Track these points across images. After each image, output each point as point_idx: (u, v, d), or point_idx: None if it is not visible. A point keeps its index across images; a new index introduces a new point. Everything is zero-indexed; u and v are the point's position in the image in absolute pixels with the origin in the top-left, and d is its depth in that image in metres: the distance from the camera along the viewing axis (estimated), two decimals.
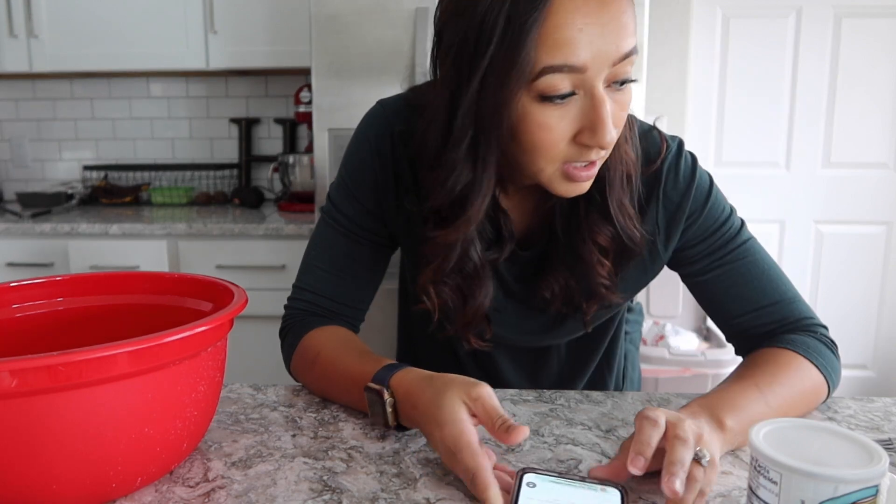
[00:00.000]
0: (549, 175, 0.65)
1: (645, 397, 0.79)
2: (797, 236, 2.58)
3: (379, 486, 0.59)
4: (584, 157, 0.63)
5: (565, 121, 0.61)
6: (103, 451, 0.53)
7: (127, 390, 0.52)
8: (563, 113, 0.61)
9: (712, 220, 0.77)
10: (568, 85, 0.59)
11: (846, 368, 2.66)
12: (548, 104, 0.60)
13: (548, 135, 0.61)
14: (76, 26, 2.31)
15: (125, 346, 0.50)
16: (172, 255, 2.15)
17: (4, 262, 2.17)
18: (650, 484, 0.59)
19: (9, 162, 2.78)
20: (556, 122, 0.61)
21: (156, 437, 0.55)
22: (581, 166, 0.64)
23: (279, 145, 2.65)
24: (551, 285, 0.76)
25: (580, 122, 0.61)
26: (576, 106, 0.61)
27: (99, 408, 0.51)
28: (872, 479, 0.44)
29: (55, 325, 0.72)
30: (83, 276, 0.74)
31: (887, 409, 0.76)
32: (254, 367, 2.21)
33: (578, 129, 0.62)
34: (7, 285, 0.70)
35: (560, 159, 0.64)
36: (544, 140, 0.62)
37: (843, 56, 2.47)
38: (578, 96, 0.61)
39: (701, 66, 2.52)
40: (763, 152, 2.56)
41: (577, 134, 0.62)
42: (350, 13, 1.81)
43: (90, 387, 0.50)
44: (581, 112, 0.61)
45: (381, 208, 0.81)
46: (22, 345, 0.70)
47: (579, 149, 0.63)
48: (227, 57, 2.29)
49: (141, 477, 0.57)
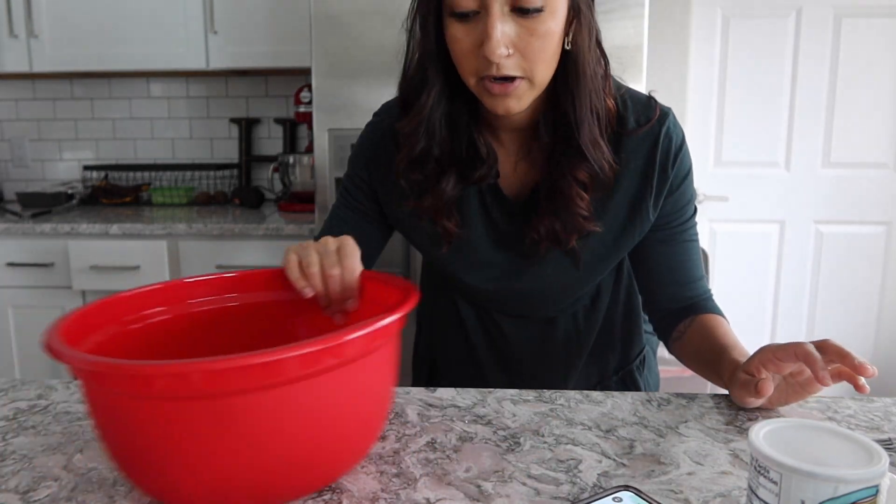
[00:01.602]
0: (475, 88, 0.76)
1: (645, 397, 0.79)
2: (797, 236, 2.58)
3: (379, 486, 0.59)
4: (488, 71, 0.73)
5: (470, 36, 0.73)
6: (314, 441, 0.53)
7: (326, 385, 0.52)
8: (469, 29, 0.73)
9: (685, 198, 0.87)
10: (471, 3, 0.71)
11: None
12: (459, 21, 0.73)
13: (458, 46, 0.74)
14: (76, 26, 2.31)
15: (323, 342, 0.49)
16: (172, 255, 2.15)
17: (4, 262, 2.18)
18: (653, 484, 0.59)
19: (9, 162, 2.78)
20: (463, 36, 0.73)
21: (354, 426, 0.57)
22: (496, 82, 0.74)
23: (279, 145, 2.65)
24: (538, 227, 0.83)
25: (479, 37, 0.72)
26: (480, 23, 0.72)
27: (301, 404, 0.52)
28: (872, 479, 0.44)
29: (228, 319, 0.74)
30: (254, 273, 0.77)
31: (887, 409, 0.76)
32: None
33: (478, 43, 0.72)
34: (182, 282, 0.73)
35: (475, 72, 0.75)
36: (457, 51, 0.75)
37: (843, 56, 2.47)
38: (481, 14, 0.72)
39: (701, 65, 2.52)
40: (763, 152, 2.56)
41: (478, 48, 0.72)
42: (350, 13, 1.81)
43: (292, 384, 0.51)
44: (481, 28, 0.72)
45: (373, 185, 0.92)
46: (200, 338, 0.72)
47: (484, 62, 0.73)
48: (227, 57, 2.29)
49: (342, 465, 0.58)
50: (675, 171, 0.84)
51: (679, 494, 0.57)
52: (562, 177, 0.80)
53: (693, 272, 0.91)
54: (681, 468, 0.62)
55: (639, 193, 0.84)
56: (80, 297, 2.19)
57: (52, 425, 0.71)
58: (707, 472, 0.61)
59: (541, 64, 0.74)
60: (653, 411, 0.75)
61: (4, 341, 2.24)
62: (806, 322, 2.66)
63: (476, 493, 0.58)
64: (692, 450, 0.66)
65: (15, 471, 0.62)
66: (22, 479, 0.60)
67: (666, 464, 0.63)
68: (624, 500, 0.54)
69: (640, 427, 0.71)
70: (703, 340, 0.85)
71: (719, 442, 0.67)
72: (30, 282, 2.19)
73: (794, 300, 2.65)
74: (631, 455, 0.65)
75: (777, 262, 2.62)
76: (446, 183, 0.83)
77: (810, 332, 2.66)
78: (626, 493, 0.55)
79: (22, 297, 2.21)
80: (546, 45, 0.73)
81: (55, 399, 0.78)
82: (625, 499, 0.54)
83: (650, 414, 0.74)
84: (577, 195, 0.80)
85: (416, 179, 0.84)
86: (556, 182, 0.81)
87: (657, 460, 0.63)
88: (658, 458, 0.64)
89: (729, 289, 2.63)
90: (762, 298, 2.65)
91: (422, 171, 0.83)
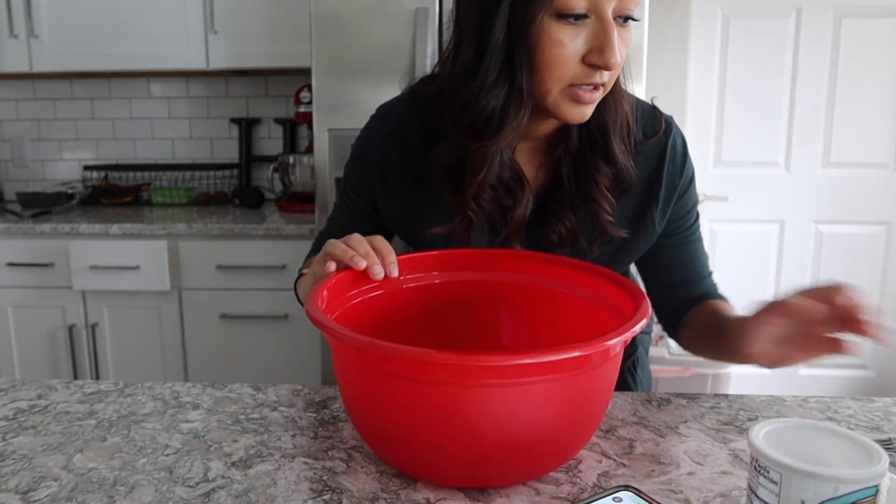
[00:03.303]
0: (555, 97, 0.72)
1: (645, 397, 0.79)
2: (797, 236, 2.58)
3: (379, 486, 0.59)
4: (590, 79, 0.70)
5: (577, 40, 0.69)
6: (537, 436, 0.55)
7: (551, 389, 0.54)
8: (576, 32, 0.69)
9: (691, 202, 0.88)
10: (583, 5, 0.67)
11: (846, 368, 2.66)
12: (563, 23, 0.68)
13: (561, 51, 0.69)
14: (76, 26, 2.31)
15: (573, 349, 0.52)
16: (172, 255, 2.15)
17: (4, 262, 2.18)
18: (653, 484, 0.59)
19: (9, 162, 2.78)
20: (570, 40, 0.69)
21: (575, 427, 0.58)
22: (587, 89, 0.71)
23: (279, 145, 2.65)
24: (558, 228, 0.82)
25: (590, 43, 0.69)
26: (587, 28, 0.69)
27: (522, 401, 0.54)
28: (872, 479, 0.44)
29: (432, 296, 0.78)
30: (461, 252, 0.80)
31: (887, 409, 0.76)
32: (254, 367, 2.21)
33: (588, 49, 0.69)
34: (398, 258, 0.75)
35: (568, 79, 0.71)
36: (557, 56, 0.69)
37: (843, 56, 2.47)
38: (591, 20, 0.68)
39: (701, 65, 2.52)
40: (763, 152, 2.55)
41: (586, 54, 0.69)
42: (350, 13, 1.81)
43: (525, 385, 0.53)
44: (592, 34, 0.69)
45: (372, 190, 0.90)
46: (412, 315, 0.77)
47: (586, 70, 0.70)
48: (227, 57, 2.29)
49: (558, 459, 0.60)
50: (682, 180, 0.85)
51: (679, 494, 0.57)
52: (590, 183, 0.80)
53: (702, 270, 0.92)
54: (681, 468, 0.62)
55: (642, 205, 0.85)
56: (80, 297, 2.19)
57: (52, 425, 0.71)
58: (707, 472, 0.61)
59: (619, 73, 0.75)
60: (653, 411, 0.75)
61: (4, 341, 2.24)
62: None
63: (476, 493, 0.58)
64: (692, 450, 0.66)
65: (15, 471, 0.62)
66: (22, 479, 0.60)
67: (666, 464, 0.63)
68: (624, 500, 0.54)
69: (640, 427, 0.71)
70: (712, 315, 0.85)
71: (719, 442, 0.67)
72: (30, 282, 2.19)
73: None
74: (631, 455, 0.65)
75: (777, 262, 2.62)
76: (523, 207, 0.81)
77: None
78: (626, 493, 0.55)
79: (22, 297, 2.21)
80: (626, 54, 0.73)
81: (55, 399, 0.78)
82: (625, 499, 0.54)
83: (650, 414, 0.74)
84: (605, 198, 0.80)
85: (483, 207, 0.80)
86: (583, 187, 0.81)
87: (657, 460, 0.63)
88: (658, 458, 0.64)
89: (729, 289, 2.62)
90: (762, 298, 2.65)
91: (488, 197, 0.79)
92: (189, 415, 0.74)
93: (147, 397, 0.79)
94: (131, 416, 0.74)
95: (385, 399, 0.56)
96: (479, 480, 0.57)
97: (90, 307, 2.21)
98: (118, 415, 0.74)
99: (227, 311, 2.17)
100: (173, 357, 2.23)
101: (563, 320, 0.75)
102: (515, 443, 0.54)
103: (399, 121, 0.87)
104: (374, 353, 0.54)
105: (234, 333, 2.19)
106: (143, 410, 0.75)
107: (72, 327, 2.21)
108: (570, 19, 0.68)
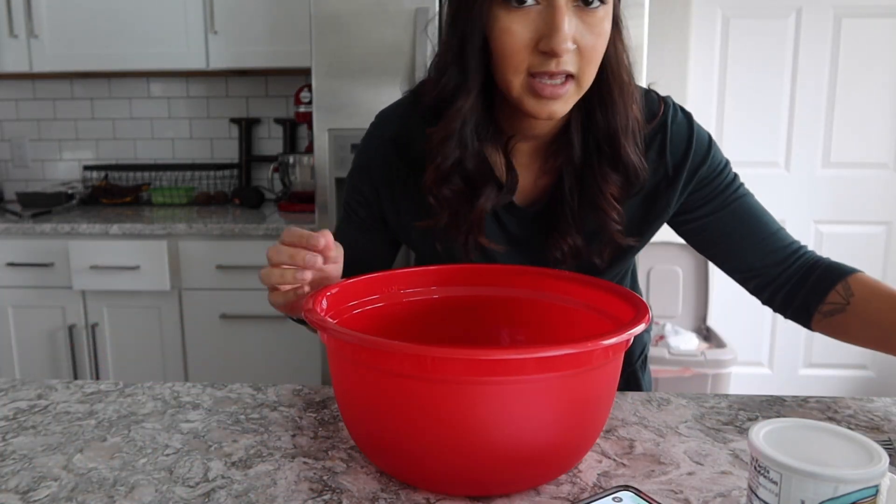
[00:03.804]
0: (518, 88, 0.70)
1: (645, 397, 0.79)
2: (797, 236, 2.55)
3: (379, 486, 0.59)
4: (545, 67, 0.68)
5: (527, 28, 0.68)
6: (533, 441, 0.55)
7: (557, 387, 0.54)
8: (524, 19, 0.67)
9: (716, 164, 0.84)
10: None
11: (846, 368, 2.66)
12: (511, 10, 0.67)
13: (511, 39, 0.68)
14: (76, 26, 2.31)
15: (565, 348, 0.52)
16: (172, 255, 2.15)
17: (4, 262, 2.18)
18: (652, 484, 0.59)
19: (9, 162, 2.78)
20: (518, 28, 0.68)
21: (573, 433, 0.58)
22: (546, 83, 0.69)
23: (279, 145, 2.65)
24: (560, 246, 0.81)
25: (540, 29, 0.67)
26: (537, 14, 0.67)
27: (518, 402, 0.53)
28: (872, 479, 0.44)
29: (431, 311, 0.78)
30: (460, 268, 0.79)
31: (887, 409, 0.76)
32: (254, 367, 2.21)
33: (539, 35, 0.67)
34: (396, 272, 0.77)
35: (524, 69, 0.69)
36: (508, 45, 0.68)
37: (843, 56, 2.47)
38: (542, 6, 0.67)
39: (701, 65, 2.52)
40: (763, 152, 2.55)
41: (539, 41, 0.68)
42: (350, 13, 1.81)
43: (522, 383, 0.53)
44: (541, 18, 0.67)
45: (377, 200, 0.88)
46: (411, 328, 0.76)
47: (542, 58, 0.68)
48: (227, 57, 2.29)
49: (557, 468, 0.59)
50: (693, 152, 0.82)
51: (679, 494, 0.57)
52: (597, 193, 0.77)
53: (769, 225, 0.86)
54: (681, 468, 0.62)
55: (654, 187, 0.82)
56: (80, 297, 2.19)
57: (52, 425, 0.71)
58: (707, 472, 0.61)
59: (593, 63, 0.71)
60: (653, 411, 0.75)
61: (4, 341, 2.24)
62: None
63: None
64: (692, 450, 0.66)
65: (15, 471, 0.62)
66: (22, 479, 0.60)
67: (666, 464, 0.63)
68: (624, 500, 0.54)
69: (640, 427, 0.71)
70: (886, 303, 0.76)
71: (719, 442, 0.67)
72: (30, 282, 2.19)
73: None
74: (631, 455, 0.65)
75: None
76: (486, 199, 0.78)
77: (809, 332, 2.65)
78: (626, 493, 0.55)
79: (22, 297, 2.21)
80: (600, 44, 0.70)
81: (55, 399, 0.78)
82: (625, 499, 0.54)
83: (650, 414, 0.74)
84: (613, 208, 0.78)
85: (445, 195, 0.79)
86: (591, 199, 0.78)
87: (657, 460, 0.63)
88: (658, 458, 0.64)
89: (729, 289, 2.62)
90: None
91: (450, 186, 0.78)
92: (189, 415, 0.74)
93: (147, 397, 0.79)
94: (131, 416, 0.74)
95: (382, 402, 0.55)
96: (480, 489, 0.57)
97: (90, 307, 2.21)
98: (118, 415, 0.74)
99: (227, 311, 2.17)
100: (173, 357, 2.23)
101: (565, 334, 0.74)
102: (515, 448, 0.54)
103: (399, 125, 0.85)
104: (369, 350, 0.53)
105: (234, 333, 2.19)
106: (143, 410, 0.75)
107: (72, 327, 2.21)
108: (514, 3, 0.67)
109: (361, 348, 0.54)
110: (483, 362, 0.50)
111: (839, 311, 0.80)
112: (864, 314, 0.78)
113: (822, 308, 0.82)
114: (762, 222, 0.86)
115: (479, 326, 0.79)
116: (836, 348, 2.67)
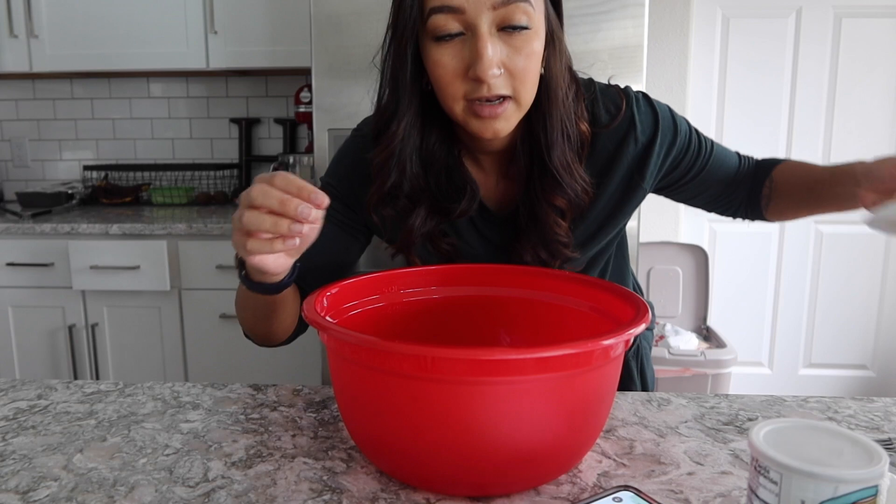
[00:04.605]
0: (461, 113, 0.74)
1: (645, 397, 0.79)
2: (797, 236, 2.58)
3: (379, 486, 0.59)
4: (478, 93, 0.71)
5: (456, 59, 0.71)
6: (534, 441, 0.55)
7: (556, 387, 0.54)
8: (452, 51, 0.71)
9: (684, 135, 0.88)
10: (456, 25, 0.70)
11: (846, 368, 2.67)
12: (441, 44, 0.72)
13: (443, 71, 0.72)
14: (76, 26, 2.31)
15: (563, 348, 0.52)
16: (172, 255, 2.15)
17: (4, 262, 2.18)
18: (653, 484, 0.59)
19: (9, 162, 2.78)
20: (448, 60, 0.72)
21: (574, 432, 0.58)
22: (484, 104, 0.72)
23: (279, 145, 2.65)
24: (527, 251, 0.83)
25: (467, 58, 0.71)
26: (462, 43, 0.71)
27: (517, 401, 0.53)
28: (872, 479, 0.43)
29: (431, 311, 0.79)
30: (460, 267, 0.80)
31: (887, 409, 0.76)
32: (254, 367, 2.21)
33: (467, 64, 0.71)
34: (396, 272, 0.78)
35: (461, 95, 0.73)
36: (441, 76, 0.72)
37: (843, 56, 2.47)
38: (467, 36, 0.71)
39: (701, 65, 2.52)
40: (763, 152, 2.54)
41: (469, 69, 0.71)
42: (350, 13, 1.81)
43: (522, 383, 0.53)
44: (467, 48, 0.71)
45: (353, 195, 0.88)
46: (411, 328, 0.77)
47: (472, 84, 0.72)
48: (227, 57, 2.29)
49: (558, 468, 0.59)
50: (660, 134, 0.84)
51: (679, 494, 0.57)
52: (538, 203, 0.80)
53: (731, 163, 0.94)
54: (681, 468, 0.62)
55: (628, 173, 0.84)
56: (80, 297, 2.19)
57: (52, 425, 0.71)
58: (707, 472, 0.61)
59: (528, 83, 0.73)
60: (653, 411, 0.75)
61: (4, 341, 2.24)
62: (806, 322, 2.66)
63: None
64: (692, 450, 0.66)
65: (15, 471, 0.62)
66: (22, 479, 0.60)
67: (666, 464, 0.63)
68: (624, 500, 0.54)
69: (640, 427, 0.71)
70: (796, 176, 0.89)
71: (719, 442, 0.67)
72: (30, 282, 2.19)
73: (794, 300, 2.65)
74: (631, 455, 0.65)
75: (777, 262, 2.62)
76: (415, 218, 0.81)
77: (810, 332, 2.66)
78: (626, 493, 0.55)
79: (22, 297, 2.21)
80: (531, 65, 0.73)
81: (55, 399, 0.78)
82: (625, 499, 0.54)
83: (650, 414, 0.74)
84: (555, 222, 0.80)
85: (388, 215, 0.82)
86: (534, 208, 0.80)
87: (657, 460, 0.63)
88: (658, 458, 0.64)
89: (729, 289, 2.63)
90: (762, 298, 2.65)
91: (393, 207, 0.81)
92: (189, 415, 0.74)
93: (147, 397, 0.79)
94: (131, 416, 0.74)
95: (382, 402, 0.55)
96: (480, 489, 0.57)
97: (90, 307, 2.21)
98: (118, 415, 0.74)
99: (227, 311, 2.17)
100: (173, 357, 2.23)
101: (565, 334, 0.74)
102: (515, 448, 0.54)
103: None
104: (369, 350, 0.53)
105: (234, 333, 2.19)
106: (143, 410, 0.75)
107: (72, 327, 2.21)
108: (444, 39, 0.71)
109: (361, 348, 0.54)
110: (483, 362, 0.50)
111: (768, 197, 0.93)
112: (786, 194, 0.91)
113: (762, 202, 0.94)
114: (728, 166, 0.94)
115: (479, 326, 0.79)
116: (837, 348, 2.67)
